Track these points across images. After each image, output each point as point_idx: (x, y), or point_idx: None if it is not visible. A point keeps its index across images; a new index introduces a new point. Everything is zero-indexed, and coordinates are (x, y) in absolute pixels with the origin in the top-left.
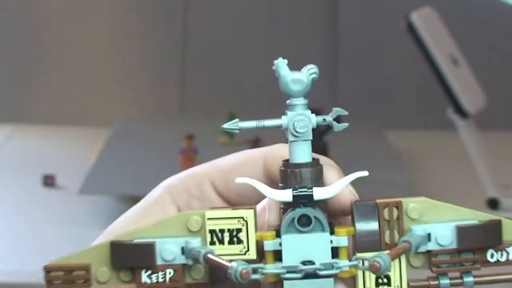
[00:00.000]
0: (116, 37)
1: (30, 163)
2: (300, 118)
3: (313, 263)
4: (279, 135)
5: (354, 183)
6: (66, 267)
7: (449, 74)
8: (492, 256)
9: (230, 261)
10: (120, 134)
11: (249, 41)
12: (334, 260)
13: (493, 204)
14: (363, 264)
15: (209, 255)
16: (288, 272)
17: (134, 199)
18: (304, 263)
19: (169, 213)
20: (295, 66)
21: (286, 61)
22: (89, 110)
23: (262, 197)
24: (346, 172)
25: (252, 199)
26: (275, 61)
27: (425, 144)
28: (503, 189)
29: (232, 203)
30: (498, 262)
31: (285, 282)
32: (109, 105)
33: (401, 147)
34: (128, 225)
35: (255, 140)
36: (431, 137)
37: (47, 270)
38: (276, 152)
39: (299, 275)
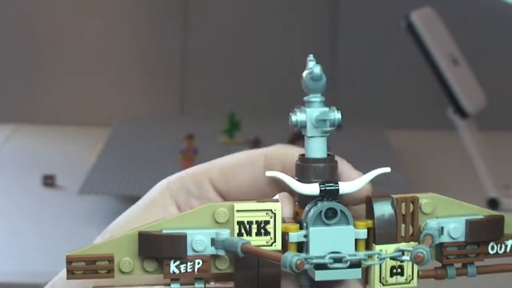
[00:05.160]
0: (116, 37)
1: (30, 163)
2: (320, 114)
3: (340, 253)
4: (278, 136)
5: None
6: (88, 257)
7: (449, 74)
8: (492, 248)
9: None
10: (120, 134)
11: (249, 42)
12: (377, 251)
13: (493, 204)
14: (403, 254)
15: (249, 246)
16: (334, 262)
17: (134, 199)
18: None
19: (169, 211)
20: (295, 66)
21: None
22: (89, 110)
23: (262, 195)
24: None
25: (251, 198)
26: (309, 56)
27: (425, 144)
28: (503, 189)
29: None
30: (497, 254)
31: (317, 272)
32: (109, 105)
33: (401, 147)
34: (129, 224)
35: (255, 140)
36: (431, 137)
37: (69, 260)
38: (277, 153)
39: (345, 265)
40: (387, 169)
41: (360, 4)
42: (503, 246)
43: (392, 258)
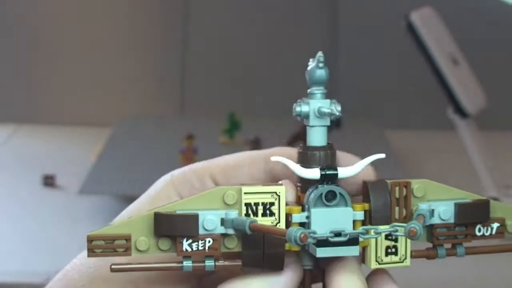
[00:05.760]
0: (116, 37)
1: (30, 163)
2: (321, 105)
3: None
4: (278, 136)
5: None
6: (107, 236)
7: (449, 74)
8: (479, 230)
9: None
10: (120, 134)
11: (249, 42)
12: (373, 227)
13: None
14: (398, 230)
15: (256, 224)
16: (335, 236)
17: (134, 199)
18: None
19: None
20: (295, 66)
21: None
22: (89, 110)
23: None
24: None
25: None
26: (318, 53)
27: (425, 144)
28: (503, 189)
29: None
30: (483, 236)
31: (318, 249)
32: (109, 105)
33: (401, 147)
34: (136, 214)
35: (255, 140)
36: (431, 137)
37: (90, 239)
38: (277, 153)
39: (344, 239)
40: (382, 155)
41: (360, 4)
42: (489, 228)
43: (387, 238)
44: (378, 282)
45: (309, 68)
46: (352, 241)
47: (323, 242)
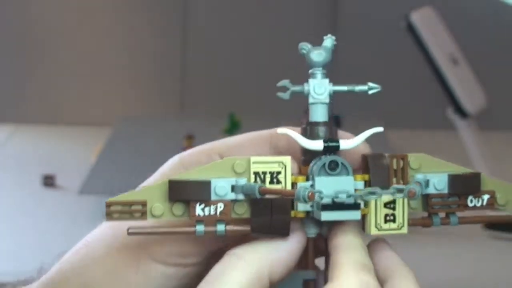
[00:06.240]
0: (116, 38)
1: (30, 163)
2: (318, 83)
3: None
4: None
5: None
6: (125, 202)
7: (449, 74)
8: (471, 201)
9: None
10: (120, 134)
11: (249, 42)
12: (375, 189)
13: None
14: (397, 191)
15: (265, 187)
16: (339, 195)
17: None
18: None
19: None
20: (295, 65)
21: (308, 44)
22: (89, 110)
23: None
24: None
25: None
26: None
27: (425, 144)
28: None
29: None
30: (475, 207)
31: (323, 213)
32: (109, 105)
33: (401, 147)
34: None
35: None
36: (431, 137)
37: (108, 204)
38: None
39: (348, 200)
40: (380, 129)
41: (360, 4)
42: (480, 199)
43: (386, 207)
44: (377, 248)
45: (306, 50)
46: (354, 206)
47: (328, 207)
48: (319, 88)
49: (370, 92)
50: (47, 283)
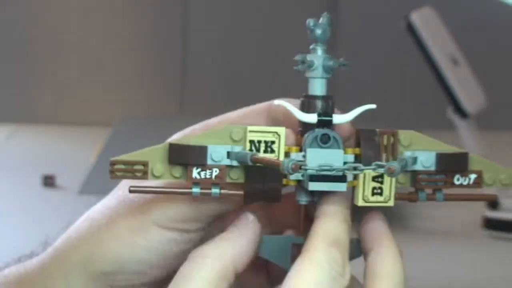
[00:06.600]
0: (116, 37)
1: (30, 163)
2: (312, 58)
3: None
4: None
5: None
6: (128, 161)
7: (449, 74)
8: (458, 179)
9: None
10: (120, 134)
11: (249, 42)
12: (358, 164)
13: (493, 204)
14: (378, 167)
15: (256, 156)
16: (324, 169)
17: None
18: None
19: None
20: (295, 66)
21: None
22: (89, 110)
23: None
24: None
25: None
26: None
27: None
28: (503, 189)
29: None
30: (461, 185)
31: (310, 183)
32: (109, 105)
33: None
34: None
35: None
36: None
37: (112, 162)
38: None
39: (332, 173)
40: (373, 106)
41: (360, 4)
42: (467, 178)
43: (374, 180)
44: (368, 219)
45: (312, 26)
46: (341, 178)
47: (316, 178)
48: (312, 62)
49: (342, 67)
50: (54, 252)
